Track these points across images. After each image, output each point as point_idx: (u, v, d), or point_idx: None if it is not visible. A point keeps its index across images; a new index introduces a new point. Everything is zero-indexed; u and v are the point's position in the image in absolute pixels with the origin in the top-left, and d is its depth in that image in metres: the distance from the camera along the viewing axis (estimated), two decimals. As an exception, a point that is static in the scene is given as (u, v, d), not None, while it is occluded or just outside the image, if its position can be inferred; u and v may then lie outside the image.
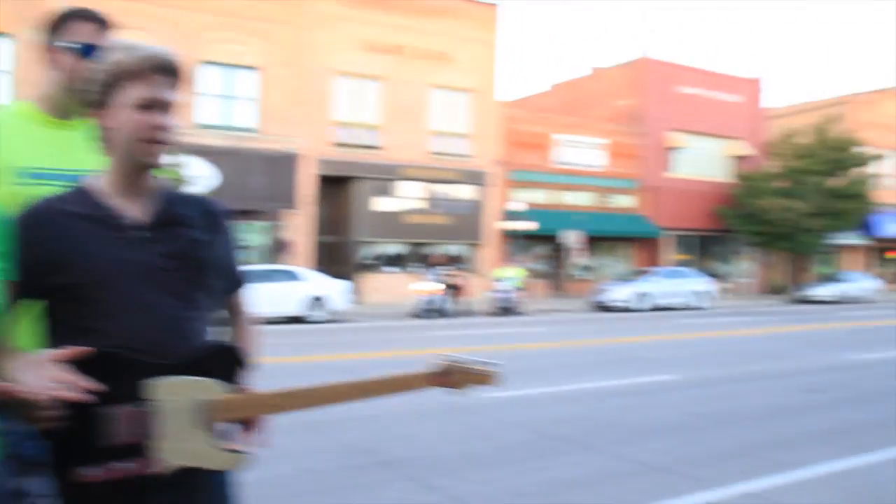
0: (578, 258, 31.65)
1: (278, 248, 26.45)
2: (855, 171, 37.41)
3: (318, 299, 21.63)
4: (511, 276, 25.88)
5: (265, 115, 26.40)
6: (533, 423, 8.46)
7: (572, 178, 33.20)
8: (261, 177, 25.75)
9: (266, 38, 26.30)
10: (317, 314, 21.51)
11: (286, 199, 26.49)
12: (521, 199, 30.75)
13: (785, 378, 12.17)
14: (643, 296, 28.00)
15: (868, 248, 44.11)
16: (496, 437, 7.81)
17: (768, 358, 14.81)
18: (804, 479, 6.49)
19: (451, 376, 2.27)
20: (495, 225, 30.54)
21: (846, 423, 8.82)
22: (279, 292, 20.96)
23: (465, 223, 30.14)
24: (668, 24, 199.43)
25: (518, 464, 6.81)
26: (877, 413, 9.43)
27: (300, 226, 26.98)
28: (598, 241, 33.40)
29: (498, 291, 25.54)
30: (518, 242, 30.72)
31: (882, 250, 45.41)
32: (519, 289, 25.74)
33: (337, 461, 6.84)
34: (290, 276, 21.84)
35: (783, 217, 34.91)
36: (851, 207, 37.00)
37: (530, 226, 29.72)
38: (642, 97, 35.73)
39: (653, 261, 34.62)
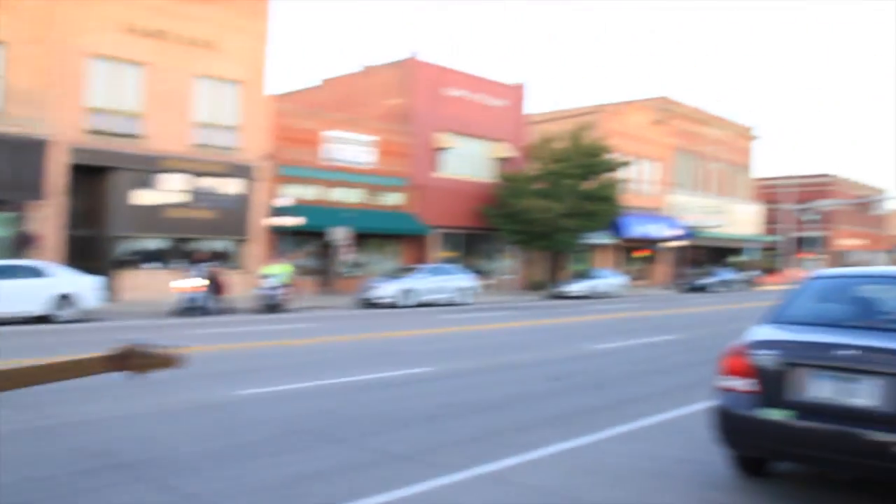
0: (347, 255, 31.72)
1: (22, 242, 24.36)
2: (605, 176, 40.30)
3: (65, 297, 20.13)
4: (278, 272, 25.46)
5: (9, 96, 24.19)
6: (282, 419, 8.38)
7: (342, 175, 33.24)
8: (2, 163, 23.63)
9: (10, 10, 24.07)
10: (65, 313, 20.02)
11: (32, 188, 24.45)
12: (290, 195, 30.40)
13: (532, 368, 12.88)
14: (408, 292, 28.56)
15: (617, 248, 47.79)
16: (242, 434, 7.66)
17: (520, 349, 15.61)
18: (536, 458, 6.91)
19: (131, 360, 2.19)
20: (262, 220, 29.94)
21: (580, 406, 9.49)
22: (21, 289, 19.28)
23: (231, 218, 29.29)
24: (439, 26, 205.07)
25: (262, 459, 6.72)
26: (608, 397, 10.23)
27: (49, 218, 25.01)
28: (367, 238, 33.69)
29: (264, 288, 25.04)
30: (286, 238, 30.33)
31: (629, 249, 49.37)
32: (285, 285, 25.38)
33: (66, 467, 6.40)
34: (33, 272, 20.12)
35: (542, 217, 36.91)
36: (602, 209, 39.82)
37: (298, 222, 29.40)
38: (412, 97, 36.46)
39: (420, 258, 35.45)
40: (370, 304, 27.98)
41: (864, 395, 5.17)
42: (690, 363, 13.75)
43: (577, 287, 37.92)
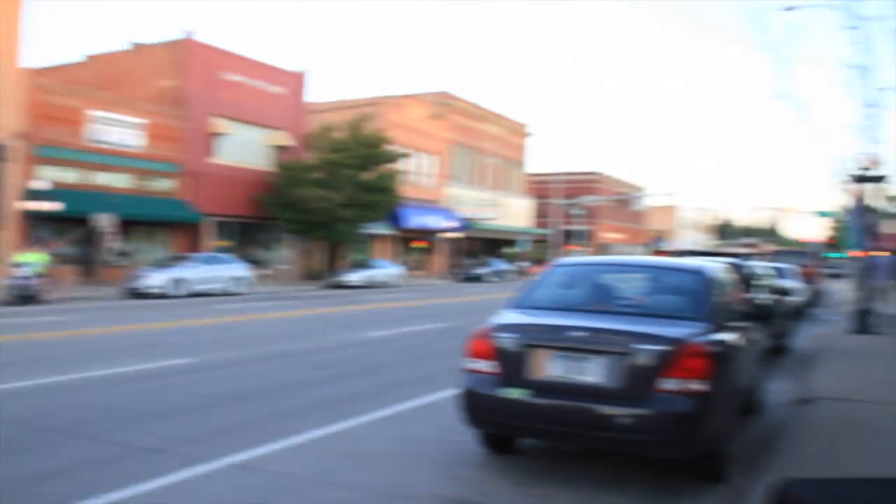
0: (112, 243, 29.92)
1: None
2: (384, 167, 40.75)
3: None
4: (32, 260, 23.58)
5: None
6: (25, 416, 7.79)
7: (107, 158, 31.21)
8: None
9: None
10: None
11: None
12: (48, 178, 28.16)
13: (301, 356, 12.82)
14: (179, 282, 27.40)
15: (395, 238, 48.46)
16: (-27, 434, 7.04)
17: (292, 339, 15.47)
18: (293, 445, 6.93)
19: None
20: (15, 205, 27.53)
21: (345, 393, 9.57)
22: None
23: (-22, 201, 26.74)
24: (217, 7, 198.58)
25: (-7, 459, 6.22)
26: (374, 383, 10.39)
27: None
28: (135, 226, 31.96)
29: (16, 278, 23.10)
30: (43, 225, 28.10)
31: (407, 240, 50.23)
32: (41, 275, 23.55)
33: None
34: None
35: (320, 207, 36.71)
36: (381, 200, 40.25)
37: (55, 207, 27.31)
38: (186, 79, 34.93)
39: (193, 246, 34.10)
40: (138, 295, 26.59)
41: (592, 372, 5.60)
42: (456, 349, 14.17)
43: (355, 277, 38.13)
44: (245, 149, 37.77)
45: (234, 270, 30.34)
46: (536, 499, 5.61)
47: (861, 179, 16.54)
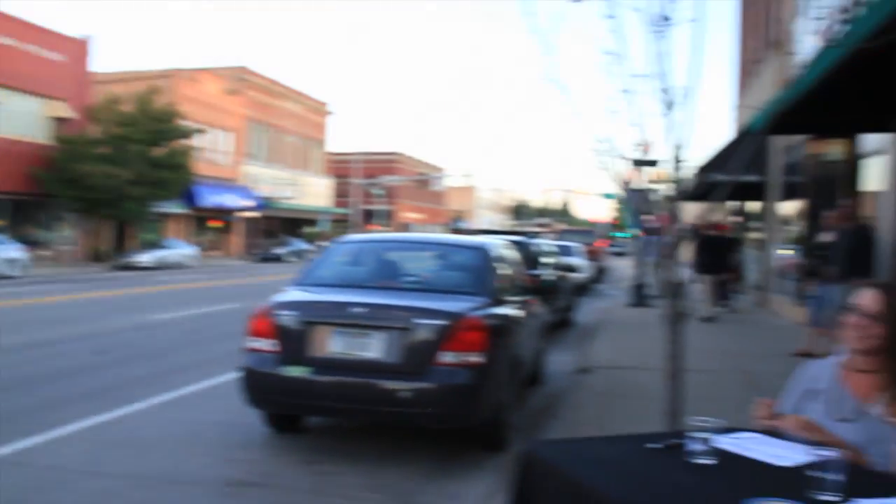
0: None
1: None
2: (176, 143, 38.95)
3: None
4: None
5: None
6: None
7: None
8: None
9: None
10: None
11: None
12: None
13: (76, 342, 11.99)
14: (-60, 265, 25.02)
15: (190, 217, 46.57)
16: None
17: (66, 323, 14.45)
18: (62, 436, 6.49)
19: None
20: None
21: (123, 378, 9.05)
22: None
23: None
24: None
25: None
26: (156, 367, 9.92)
27: None
28: None
29: None
30: None
31: (202, 219, 48.42)
32: None
33: None
34: None
35: (106, 184, 34.52)
36: (173, 177, 38.46)
37: None
38: (-54, 41, 31.68)
39: (-41, 226, 31.12)
40: None
41: (373, 348, 5.60)
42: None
43: (145, 258, 36.39)
44: (18, 119, 34.74)
45: (6, 252, 28.00)
46: (319, 476, 5.54)
47: (635, 163, 17.60)
